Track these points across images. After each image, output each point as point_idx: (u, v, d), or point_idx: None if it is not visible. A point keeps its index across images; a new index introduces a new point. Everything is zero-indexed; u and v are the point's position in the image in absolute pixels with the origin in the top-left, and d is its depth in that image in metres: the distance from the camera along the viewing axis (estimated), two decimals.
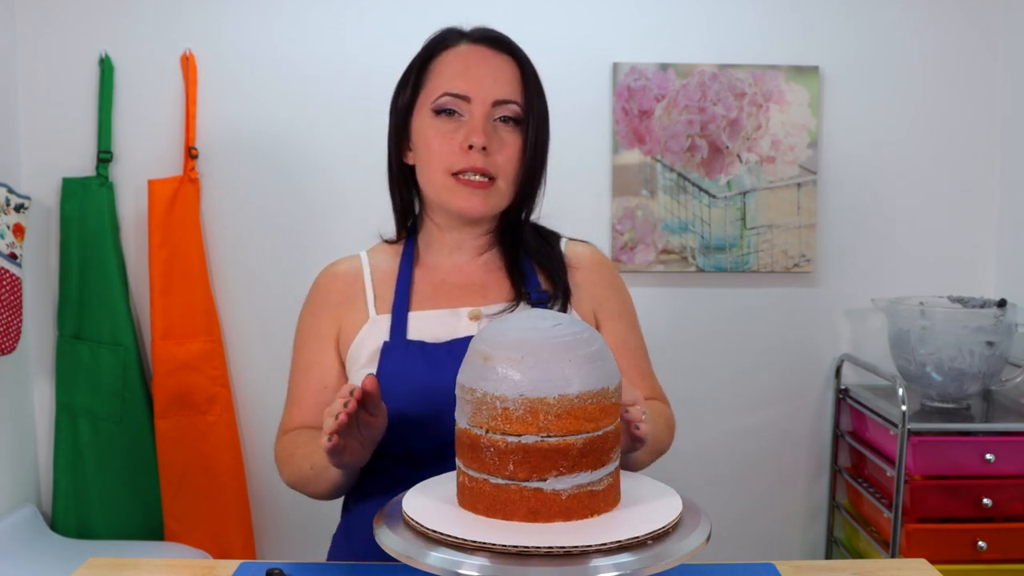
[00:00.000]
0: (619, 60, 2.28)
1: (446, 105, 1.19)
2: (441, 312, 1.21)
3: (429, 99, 1.20)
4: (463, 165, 1.17)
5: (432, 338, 1.19)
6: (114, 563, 1.14)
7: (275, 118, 2.27)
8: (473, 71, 1.19)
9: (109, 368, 2.22)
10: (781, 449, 2.43)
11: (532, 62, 1.25)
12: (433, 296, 1.23)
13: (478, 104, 1.18)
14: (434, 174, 1.20)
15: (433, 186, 1.21)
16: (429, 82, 1.21)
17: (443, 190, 1.20)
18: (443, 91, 1.19)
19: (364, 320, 1.22)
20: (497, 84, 1.19)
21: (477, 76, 1.19)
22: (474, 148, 1.17)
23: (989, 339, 2.05)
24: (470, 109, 1.18)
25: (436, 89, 1.20)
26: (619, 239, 2.31)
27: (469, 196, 1.18)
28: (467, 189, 1.18)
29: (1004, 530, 1.99)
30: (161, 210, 2.21)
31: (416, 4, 2.25)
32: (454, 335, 1.19)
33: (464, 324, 1.20)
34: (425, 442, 1.13)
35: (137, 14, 2.23)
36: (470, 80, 1.19)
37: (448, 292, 1.24)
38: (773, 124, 2.29)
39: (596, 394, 0.85)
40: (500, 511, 0.85)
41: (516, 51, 1.23)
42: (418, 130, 1.22)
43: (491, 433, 0.84)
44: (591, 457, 0.85)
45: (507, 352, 0.85)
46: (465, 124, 1.18)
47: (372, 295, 1.24)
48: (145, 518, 2.27)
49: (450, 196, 1.19)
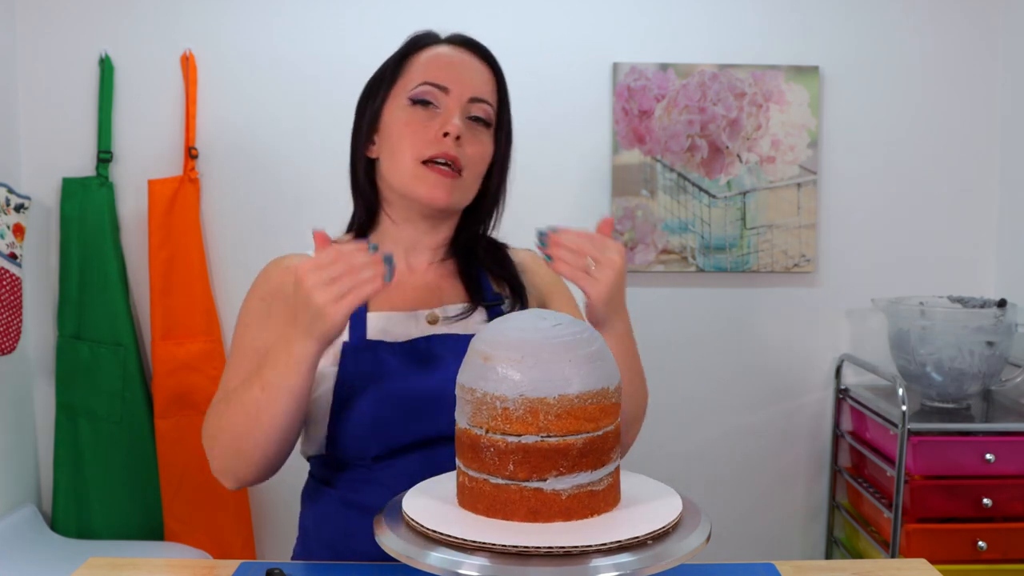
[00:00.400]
0: (619, 60, 2.28)
1: (424, 95, 1.20)
2: (399, 314, 1.22)
3: (406, 88, 1.22)
4: (435, 151, 1.18)
5: (391, 339, 1.19)
6: (114, 563, 1.14)
7: (275, 118, 2.27)
8: (453, 65, 1.22)
9: (109, 368, 2.22)
10: (781, 449, 2.43)
11: (504, 75, 1.28)
12: (389, 297, 1.23)
13: (455, 97, 1.20)
14: (403, 162, 1.20)
15: (400, 175, 1.21)
16: (406, 74, 1.23)
17: (411, 178, 1.20)
18: (423, 80, 1.21)
19: None
20: (475, 82, 1.22)
21: (456, 70, 1.22)
22: (449, 136, 1.18)
23: (989, 339, 2.05)
24: (447, 101, 1.20)
25: (414, 79, 1.21)
26: (619, 239, 2.31)
27: (436, 184, 1.19)
28: (435, 176, 1.19)
29: (1004, 530, 1.99)
30: (161, 210, 2.21)
31: (416, 4, 2.25)
32: (411, 336, 1.20)
33: (422, 326, 1.21)
34: (390, 440, 1.13)
35: (137, 14, 2.23)
36: (450, 72, 1.21)
37: (404, 294, 1.24)
38: (773, 124, 2.29)
39: (596, 394, 0.85)
40: (500, 511, 0.85)
41: (492, 60, 1.27)
42: (389, 121, 1.23)
43: (491, 433, 0.84)
44: (591, 457, 0.85)
45: (507, 352, 0.85)
46: (440, 115, 1.20)
47: None
48: (145, 518, 2.27)
49: (417, 183, 1.20)
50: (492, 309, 1.24)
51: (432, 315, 1.22)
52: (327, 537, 1.18)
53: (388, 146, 1.22)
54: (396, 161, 1.21)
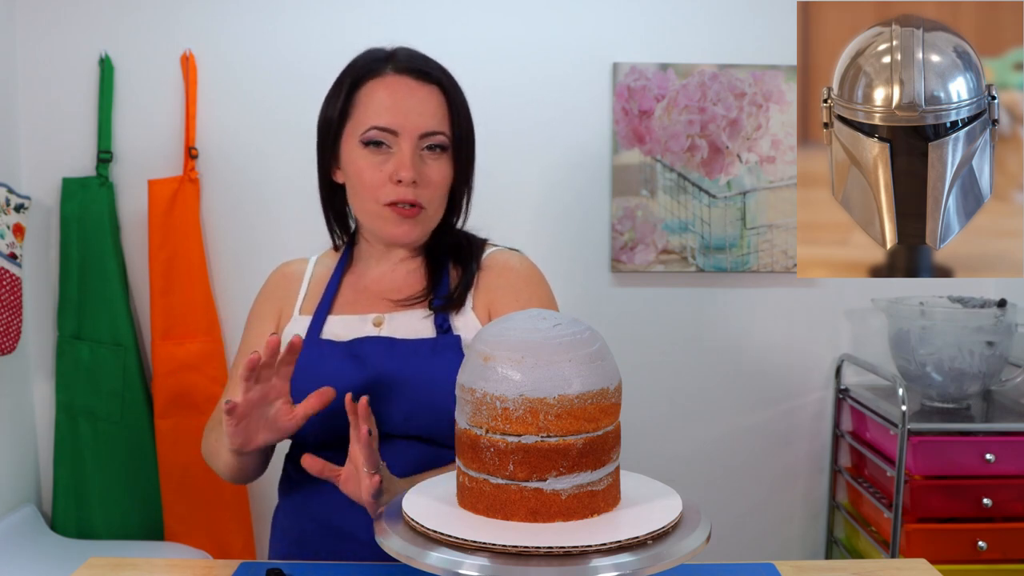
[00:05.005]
0: (619, 60, 2.28)
1: (374, 138, 1.21)
2: (352, 317, 1.27)
3: (357, 130, 1.23)
4: (393, 197, 1.21)
5: (338, 340, 1.24)
6: (114, 563, 1.14)
7: (275, 118, 2.26)
8: (400, 104, 1.21)
9: (109, 368, 2.22)
10: (781, 449, 2.43)
11: (457, 85, 1.27)
12: (353, 301, 1.29)
13: (405, 138, 1.21)
14: (365, 203, 1.24)
15: (365, 214, 1.26)
16: (356, 112, 1.23)
17: (375, 218, 1.24)
18: (370, 124, 1.21)
19: (290, 318, 1.29)
20: (423, 117, 1.21)
21: (404, 110, 1.21)
22: (403, 182, 1.20)
23: (989, 339, 2.05)
24: (398, 142, 1.21)
25: (363, 122, 1.22)
26: (619, 239, 2.31)
27: (399, 224, 1.23)
28: (397, 217, 1.22)
29: (1004, 530, 1.99)
30: (161, 210, 2.21)
31: (416, 4, 2.25)
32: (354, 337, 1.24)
33: (368, 328, 1.25)
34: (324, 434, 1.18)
35: (137, 14, 2.23)
36: (397, 114, 1.21)
37: (367, 298, 1.29)
38: (773, 124, 2.29)
39: (596, 394, 0.85)
40: (500, 511, 0.85)
41: (441, 79, 1.25)
42: (347, 158, 1.25)
43: (491, 433, 0.84)
44: (591, 457, 0.85)
45: (507, 352, 0.85)
46: (393, 156, 1.21)
47: (303, 296, 1.31)
48: (145, 518, 2.27)
49: (381, 224, 1.24)
50: (438, 314, 1.24)
51: (378, 318, 1.26)
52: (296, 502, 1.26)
53: (350, 184, 1.26)
54: (359, 200, 1.25)
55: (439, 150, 1.24)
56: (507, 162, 2.27)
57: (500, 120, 2.26)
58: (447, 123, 1.24)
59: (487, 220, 1.40)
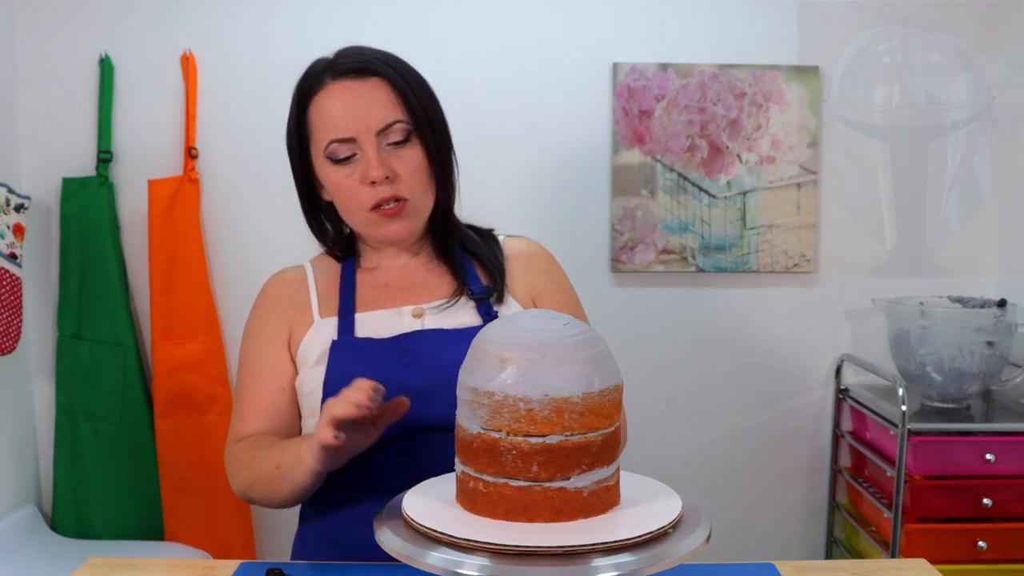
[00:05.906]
0: (619, 60, 2.28)
1: (336, 153, 1.20)
2: (385, 312, 1.25)
3: (319, 149, 1.22)
4: (374, 199, 1.20)
5: (378, 336, 1.22)
6: (114, 563, 1.14)
7: (275, 118, 2.24)
8: (347, 110, 1.19)
9: (109, 368, 2.22)
10: (781, 449, 2.43)
11: (404, 67, 1.24)
12: (377, 298, 1.27)
13: (364, 140, 1.20)
14: (352, 213, 1.24)
15: (356, 223, 1.26)
16: (312, 132, 1.23)
17: (365, 225, 1.24)
18: (327, 139, 1.20)
19: (310, 324, 1.26)
20: (373, 114, 1.19)
21: (351, 114, 1.19)
22: (377, 182, 1.19)
23: (989, 339, 2.05)
24: (360, 146, 1.20)
25: (321, 139, 1.21)
26: (619, 239, 2.31)
27: (388, 224, 1.23)
28: (385, 219, 1.22)
29: (1004, 530, 1.99)
30: (161, 210, 2.21)
31: (416, 4, 2.25)
32: (398, 332, 1.22)
33: (407, 321, 1.24)
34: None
35: (137, 14, 2.23)
36: (348, 120, 1.19)
37: (392, 293, 1.27)
38: (773, 124, 2.29)
39: (612, 390, 0.87)
40: (523, 514, 0.85)
41: (380, 70, 1.22)
42: (323, 176, 1.25)
43: (512, 436, 0.84)
44: (607, 453, 0.87)
45: (528, 353, 0.84)
46: (360, 161, 1.20)
47: (316, 300, 1.28)
48: (145, 518, 2.27)
49: (373, 229, 1.24)
50: (480, 302, 1.25)
51: (417, 310, 1.24)
52: (325, 526, 1.21)
53: (335, 200, 1.26)
54: (347, 213, 1.25)
55: (404, 139, 1.21)
56: (507, 162, 2.28)
57: (500, 120, 2.26)
58: (400, 110, 1.20)
59: (487, 220, 1.40)
